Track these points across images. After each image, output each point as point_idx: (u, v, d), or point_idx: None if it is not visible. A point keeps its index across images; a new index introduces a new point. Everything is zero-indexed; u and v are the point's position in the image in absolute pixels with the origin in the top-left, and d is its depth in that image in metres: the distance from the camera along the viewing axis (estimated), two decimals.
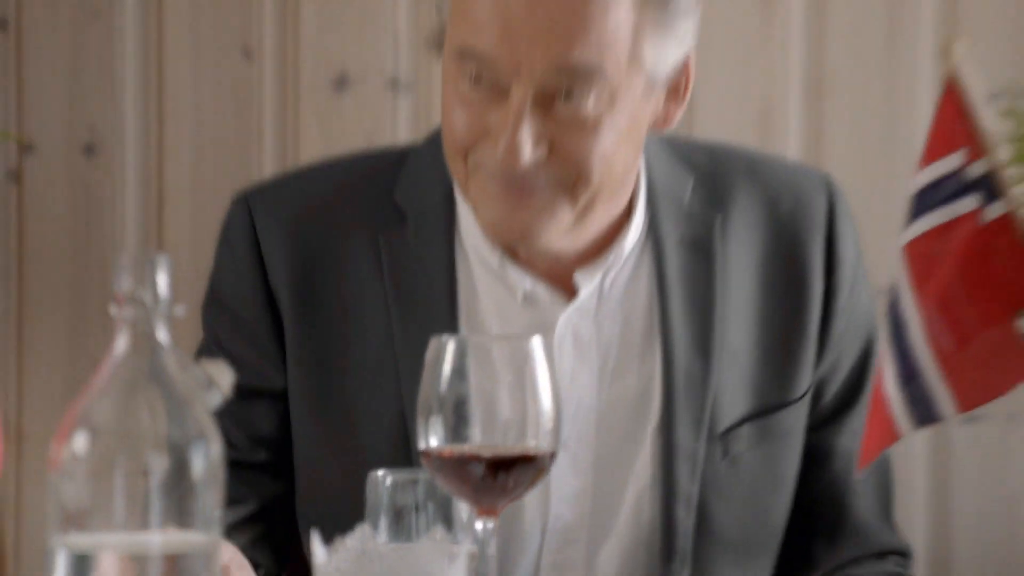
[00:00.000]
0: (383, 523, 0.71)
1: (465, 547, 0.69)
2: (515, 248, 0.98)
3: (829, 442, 1.04)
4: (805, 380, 1.02)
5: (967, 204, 0.67)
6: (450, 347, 0.67)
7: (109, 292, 0.53)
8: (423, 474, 0.70)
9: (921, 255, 0.69)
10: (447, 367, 0.66)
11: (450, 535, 0.70)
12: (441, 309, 0.99)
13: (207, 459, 0.52)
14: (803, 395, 1.02)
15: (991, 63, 1.23)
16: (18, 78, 1.59)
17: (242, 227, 1.03)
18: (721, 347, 1.00)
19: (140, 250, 1.58)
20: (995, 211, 0.66)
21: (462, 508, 0.71)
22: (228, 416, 0.67)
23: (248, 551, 0.89)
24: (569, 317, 0.99)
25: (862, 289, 1.06)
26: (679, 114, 0.99)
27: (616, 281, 1.00)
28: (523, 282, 0.99)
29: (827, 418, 1.05)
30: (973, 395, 0.68)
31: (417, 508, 0.72)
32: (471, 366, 0.67)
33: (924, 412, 0.67)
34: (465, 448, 0.66)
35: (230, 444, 0.56)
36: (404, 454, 0.92)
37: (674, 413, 0.99)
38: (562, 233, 0.95)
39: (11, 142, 1.57)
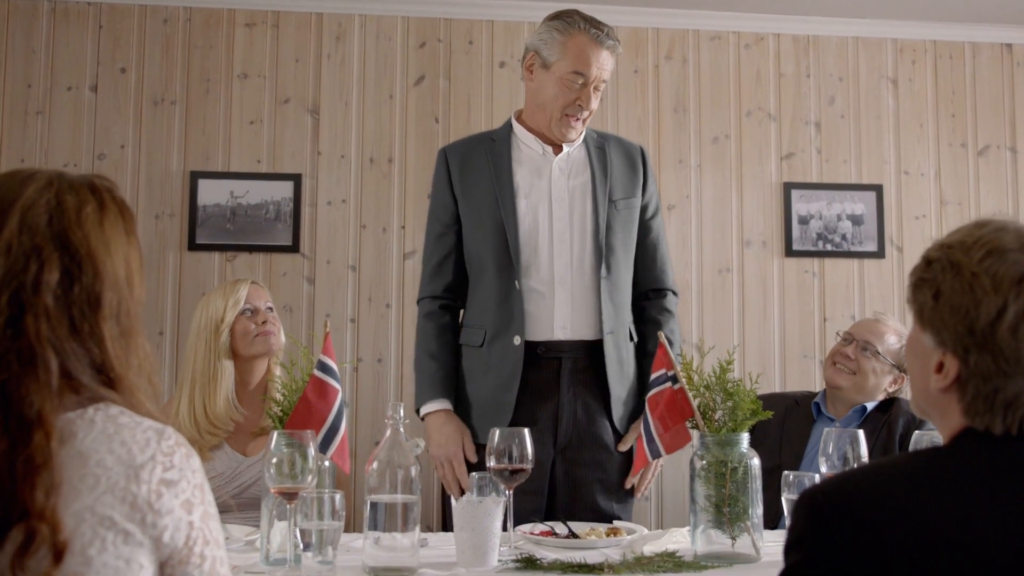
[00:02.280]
0: (474, 494, 1.93)
1: (502, 500, 1.90)
2: (553, 139, 2.50)
3: (643, 227, 2.57)
4: (639, 194, 2.55)
5: (668, 385, 2.03)
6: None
7: None
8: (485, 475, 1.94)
9: (653, 399, 2.05)
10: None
11: (498, 496, 1.92)
12: (507, 165, 2.49)
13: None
14: (637, 196, 2.55)
15: None
16: None
17: (440, 155, 2.58)
18: (612, 173, 2.50)
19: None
20: (676, 387, 2.02)
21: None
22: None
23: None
24: (559, 158, 2.51)
25: (652, 180, 2.61)
26: None
27: (573, 151, 2.53)
28: (545, 147, 2.51)
29: (645, 217, 2.57)
30: (669, 447, 2.02)
31: (483, 489, 1.95)
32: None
33: (653, 452, 2.01)
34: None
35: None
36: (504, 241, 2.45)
37: (596, 191, 2.48)
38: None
39: None
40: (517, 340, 2.39)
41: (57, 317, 1.09)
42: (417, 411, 2.48)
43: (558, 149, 2.50)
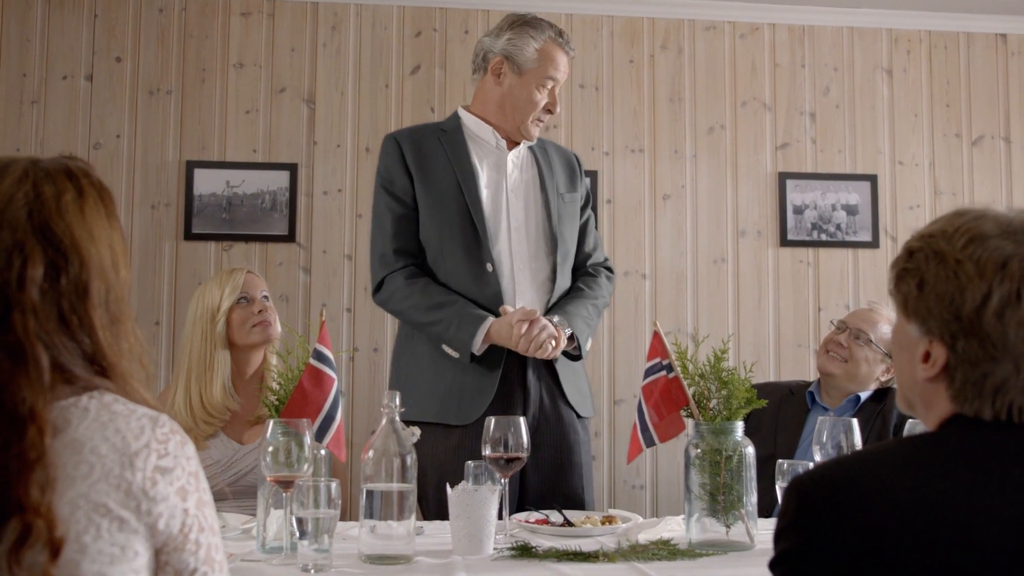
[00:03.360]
0: (470, 482, 1.94)
1: (498, 489, 1.92)
2: (510, 135, 2.61)
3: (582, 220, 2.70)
4: (578, 190, 2.69)
5: (663, 373, 2.03)
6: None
7: None
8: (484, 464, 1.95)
9: (647, 388, 2.05)
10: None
11: (493, 485, 1.94)
12: (466, 155, 2.55)
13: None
14: (577, 192, 2.68)
15: None
16: None
17: (390, 140, 2.59)
18: (555, 169, 2.65)
19: None
20: (671, 375, 2.03)
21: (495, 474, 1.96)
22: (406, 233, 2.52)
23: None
24: (513, 153, 2.61)
25: (583, 181, 2.73)
26: None
27: (521, 147, 2.63)
28: (500, 141, 2.59)
29: (583, 212, 2.70)
30: (664, 435, 2.03)
31: (479, 478, 1.96)
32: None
33: (648, 440, 2.02)
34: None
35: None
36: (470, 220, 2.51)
37: (546, 184, 2.60)
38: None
39: None
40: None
41: (45, 311, 1.08)
42: (471, 355, 2.40)
43: (511, 144, 2.61)
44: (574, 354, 2.51)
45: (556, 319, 2.42)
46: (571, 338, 2.45)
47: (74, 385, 1.09)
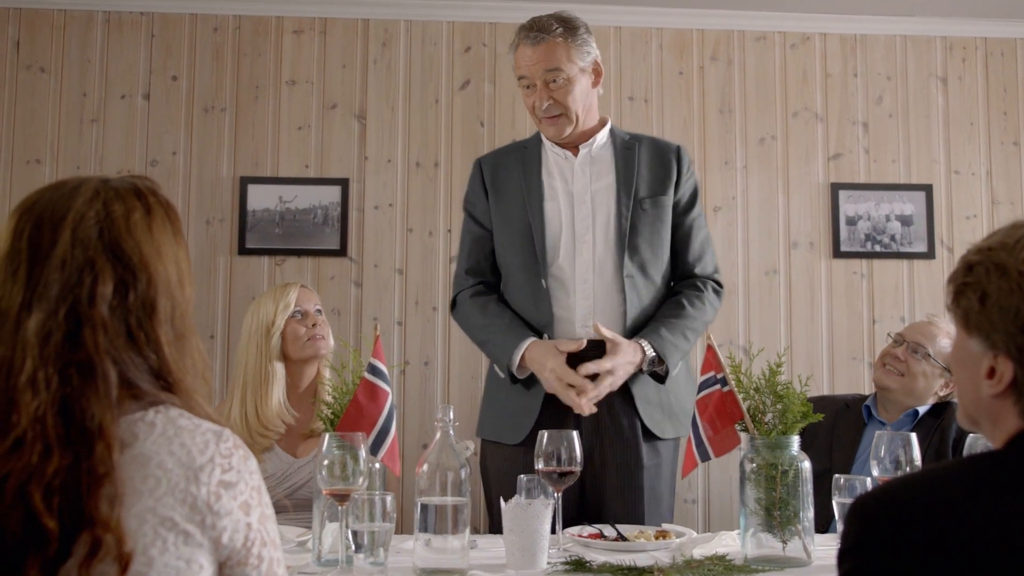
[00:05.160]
0: (523, 496, 1.94)
1: (551, 503, 1.91)
2: (558, 140, 2.53)
3: (676, 222, 2.54)
4: (671, 192, 2.52)
5: (717, 387, 2.02)
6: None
7: None
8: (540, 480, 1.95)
9: (702, 402, 2.04)
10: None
11: (546, 499, 1.93)
12: (536, 170, 2.54)
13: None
14: (669, 195, 2.52)
15: None
16: None
17: (475, 163, 2.64)
18: (639, 172, 2.50)
19: None
20: (725, 390, 2.01)
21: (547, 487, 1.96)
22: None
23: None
24: (579, 160, 2.53)
25: (688, 177, 2.57)
26: (600, 81, 2.54)
27: (593, 150, 2.53)
28: (562, 151, 2.54)
29: (678, 213, 2.53)
30: (719, 450, 2.01)
31: (532, 492, 1.96)
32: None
33: (703, 455, 2.01)
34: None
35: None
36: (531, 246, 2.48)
37: (620, 191, 2.48)
38: (570, 132, 2.49)
39: None
40: (545, 339, 2.41)
41: (114, 328, 1.10)
42: (511, 375, 2.41)
43: (575, 151, 2.54)
44: (660, 374, 2.43)
45: (643, 341, 2.35)
46: (659, 359, 2.38)
47: (141, 400, 1.11)
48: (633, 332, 2.41)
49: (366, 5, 3.74)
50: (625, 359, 2.32)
